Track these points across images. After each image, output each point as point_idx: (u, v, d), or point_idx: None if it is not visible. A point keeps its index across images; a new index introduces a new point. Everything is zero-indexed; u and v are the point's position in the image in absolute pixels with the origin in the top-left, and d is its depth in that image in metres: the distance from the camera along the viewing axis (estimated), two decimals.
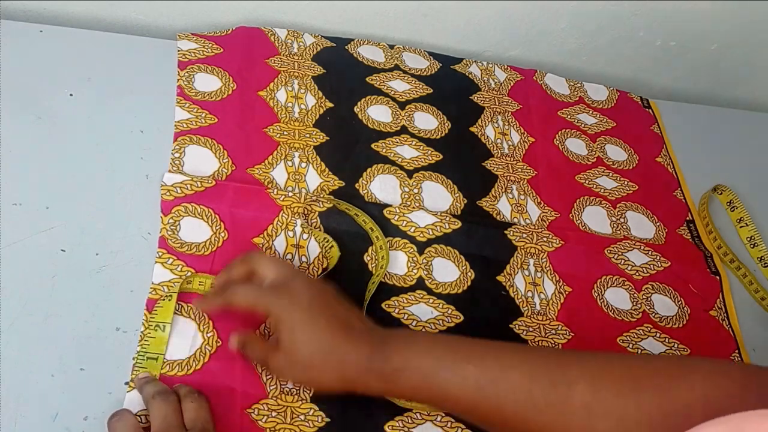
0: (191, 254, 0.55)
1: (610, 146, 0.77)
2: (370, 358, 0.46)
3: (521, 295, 0.61)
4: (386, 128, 0.70)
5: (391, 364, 0.46)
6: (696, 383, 0.40)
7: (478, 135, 0.73)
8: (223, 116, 0.64)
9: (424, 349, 0.46)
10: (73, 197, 0.56)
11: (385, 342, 0.47)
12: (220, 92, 0.66)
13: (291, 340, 0.47)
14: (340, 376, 0.47)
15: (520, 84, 0.79)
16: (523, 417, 0.43)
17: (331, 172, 0.64)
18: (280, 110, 0.67)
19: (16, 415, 0.46)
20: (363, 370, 0.47)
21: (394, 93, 0.73)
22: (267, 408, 0.50)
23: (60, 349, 0.49)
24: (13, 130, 0.58)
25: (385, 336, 0.48)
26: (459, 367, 0.45)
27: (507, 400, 0.43)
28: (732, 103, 0.92)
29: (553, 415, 0.42)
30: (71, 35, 0.66)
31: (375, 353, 0.47)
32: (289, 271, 0.51)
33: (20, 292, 0.51)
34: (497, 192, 0.68)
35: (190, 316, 0.52)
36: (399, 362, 0.46)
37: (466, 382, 0.44)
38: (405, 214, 0.63)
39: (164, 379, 0.49)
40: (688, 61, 0.87)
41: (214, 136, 0.63)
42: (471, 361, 0.45)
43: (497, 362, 0.45)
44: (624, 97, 0.83)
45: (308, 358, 0.47)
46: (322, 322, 0.47)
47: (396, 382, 0.47)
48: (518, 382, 0.43)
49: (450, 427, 0.53)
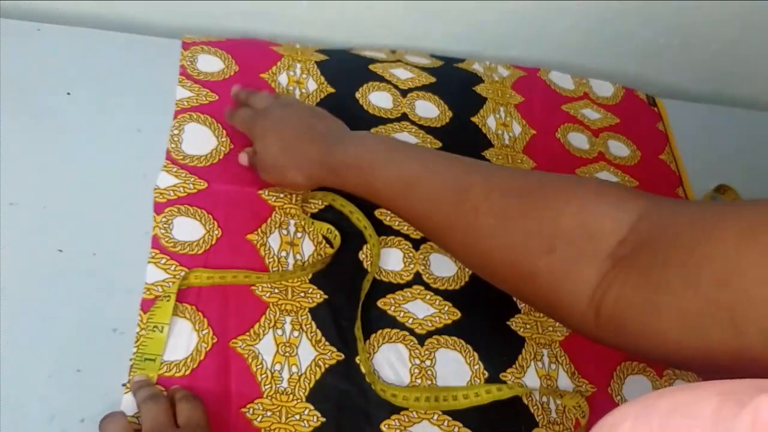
0: (184, 254, 0.55)
1: (613, 142, 0.76)
2: (324, 154, 0.55)
3: None
4: (387, 114, 0.70)
5: (338, 158, 0.55)
6: (574, 197, 0.44)
7: (479, 125, 0.72)
8: (224, 95, 0.65)
9: (363, 149, 0.54)
10: (70, 197, 0.57)
11: (339, 140, 0.56)
12: (222, 73, 0.67)
13: (262, 145, 0.58)
14: (303, 173, 0.57)
15: (523, 78, 0.79)
16: (430, 211, 0.50)
17: None
18: (281, 92, 0.67)
19: (13, 416, 0.46)
20: (318, 165, 0.56)
21: (397, 80, 0.73)
22: (262, 407, 0.51)
23: (57, 350, 0.49)
24: (10, 129, 0.59)
25: (341, 135, 0.57)
26: (388, 166, 0.52)
27: (419, 198, 0.51)
28: (735, 102, 0.91)
29: (450, 212, 0.49)
30: (69, 34, 0.66)
31: (329, 149, 0.55)
32: (276, 99, 0.62)
33: (17, 293, 0.51)
34: None
35: (185, 316, 0.53)
36: (344, 157, 0.54)
37: (390, 178, 0.52)
38: None
39: (162, 380, 0.50)
40: (691, 60, 0.86)
41: (214, 114, 0.64)
42: (399, 161, 0.52)
43: (421, 164, 0.51)
44: (630, 94, 0.82)
45: (274, 158, 0.57)
46: (288, 129, 0.58)
47: (341, 175, 0.55)
48: (431, 184, 0.50)
49: (446, 425, 0.53)
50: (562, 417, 0.56)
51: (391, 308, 0.58)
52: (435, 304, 0.59)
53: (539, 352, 0.58)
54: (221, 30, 0.73)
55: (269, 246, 0.58)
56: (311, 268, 0.57)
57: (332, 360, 0.54)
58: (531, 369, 0.57)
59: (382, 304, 0.58)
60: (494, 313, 0.60)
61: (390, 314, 0.57)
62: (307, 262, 0.58)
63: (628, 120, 0.79)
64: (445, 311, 0.59)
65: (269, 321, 0.54)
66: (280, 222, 0.59)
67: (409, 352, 0.56)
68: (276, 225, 0.59)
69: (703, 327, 0.35)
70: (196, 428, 0.46)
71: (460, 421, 0.54)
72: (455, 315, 0.59)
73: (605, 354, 0.60)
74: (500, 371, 0.56)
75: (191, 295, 0.54)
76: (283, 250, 0.58)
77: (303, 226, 0.59)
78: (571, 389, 0.57)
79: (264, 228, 0.58)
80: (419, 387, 0.54)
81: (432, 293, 0.59)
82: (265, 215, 0.59)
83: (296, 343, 0.54)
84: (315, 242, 0.59)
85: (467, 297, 0.60)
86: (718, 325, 0.34)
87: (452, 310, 0.59)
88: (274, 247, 0.58)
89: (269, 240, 0.58)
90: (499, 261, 0.47)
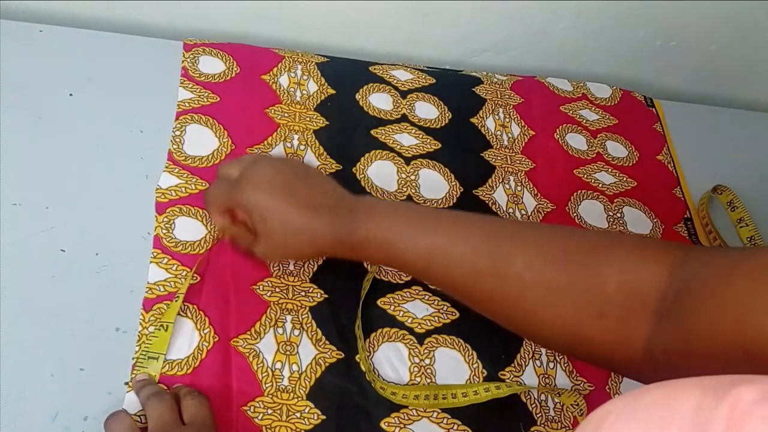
0: (186, 253, 0.56)
1: (611, 143, 0.77)
2: (337, 233, 0.51)
3: None
4: (387, 116, 0.70)
5: (355, 237, 0.51)
6: (615, 256, 0.45)
7: (479, 126, 0.73)
8: (225, 96, 0.66)
9: (385, 224, 0.51)
10: (73, 197, 0.57)
11: (351, 213, 0.51)
12: (224, 74, 0.68)
13: (264, 227, 0.51)
14: (315, 249, 0.53)
15: (522, 80, 0.79)
16: (468, 283, 0.49)
17: (329, 156, 0.65)
18: (282, 93, 0.68)
19: (16, 415, 0.46)
20: (332, 242, 0.51)
21: (397, 82, 0.74)
22: (263, 405, 0.51)
23: (60, 349, 0.50)
24: (13, 129, 0.59)
25: (349, 208, 0.52)
26: (414, 239, 0.50)
27: (454, 269, 0.49)
28: (732, 103, 0.91)
29: (492, 284, 0.48)
30: (71, 35, 0.67)
31: (341, 227, 0.51)
32: (247, 161, 0.54)
33: (20, 292, 0.51)
34: (494, 182, 0.69)
35: (187, 315, 0.53)
36: (362, 235, 0.51)
37: (419, 252, 0.50)
38: None
39: (165, 379, 0.50)
40: (688, 61, 0.86)
41: (215, 115, 0.64)
42: (426, 233, 0.50)
43: (448, 234, 0.49)
44: (627, 95, 0.82)
45: (283, 239, 0.51)
46: (285, 204, 0.50)
47: (361, 252, 0.52)
48: (463, 253, 0.48)
49: (446, 423, 0.54)
50: (560, 415, 0.56)
51: (391, 307, 0.58)
52: (434, 304, 0.59)
53: (537, 351, 0.59)
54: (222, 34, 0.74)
55: None
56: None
57: (332, 359, 0.54)
58: (529, 367, 0.58)
59: (382, 303, 0.58)
60: None
61: (390, 313, 0.58)
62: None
63: (626, 121, 0.80)
64: (443, 311, 0.59)
65: (270, 320, 0.55)
66: None
67: (408, 350, 0.56)
68: None
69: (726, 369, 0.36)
70: (201, 425, 0.46)
71: (459, 419, 0.54)
72: (453, 315, 0.59)
73: None
74: (499, 370, 0.57)
75: (193, 295, 0.54)
76: None
77: None
78: (569, 387, 0.58)
79: None
80: (419, 385, 0.55)
81: (430, 293, 0.60)
82: None
83: (297, 341, 0.54)
84: None
85: None
86: (738, 364, 0.36)
87: (450, 310, 0.59)
88: None
89: None
90: (549, 330, 0.47)
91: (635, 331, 0.43)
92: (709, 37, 0.83)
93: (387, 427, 0.52)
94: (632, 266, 0.44)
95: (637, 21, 0.80)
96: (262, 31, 0.76)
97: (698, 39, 0.83)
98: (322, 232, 0.50)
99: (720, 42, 0.83)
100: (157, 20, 0.73)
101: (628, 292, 0.43)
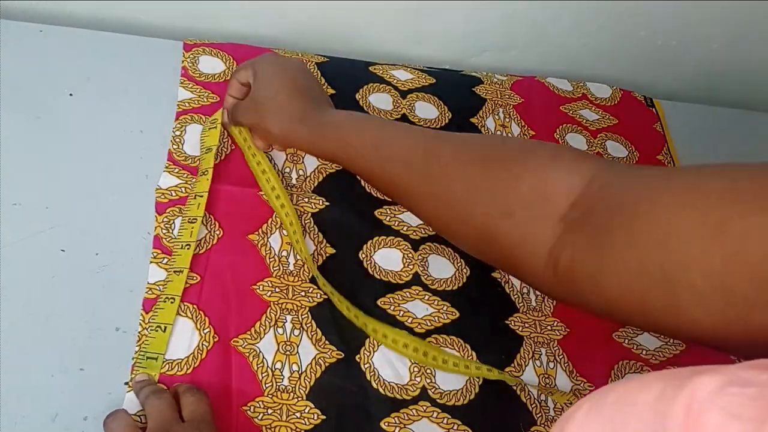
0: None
1: (611, 142, 0.77)
2: (307, 112, 0.58)
3: (517, 291, 0.62)
4: (387, 116, 0.70)
5: (318, 119, 0.57)
6: (532, 161, 0.47)
7: (479, 126, 0.73)
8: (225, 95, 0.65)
9: (347, 115, 0.58)
10: (72, 197, 0.57)
11: (322, 102, 0.60)
12: (224, 74, 0.68)
13: (254, 85, 0.60)
14: (281, 124, 0.58)
15: (522, 80, 0.79)
16: (403, 178, 0.53)
17: None
18: None
19: (16, 415, 0.47)
20: (297, 120, 0.58)
21: (397, 82, 0.74)
22: (263, 405, 0.51)
23: (60, 349, 0.50)
24: (13, 129, 0.59)
25: (324, 99, 0.61)
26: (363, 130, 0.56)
27: (391, 162, 0.54)
28: (732, 103, 0.91)
29: (419, 180, 0.52)
30: (71, 35, 0.67)
31: (313, 110, 0.58)
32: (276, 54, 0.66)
33: (20, 292, 0.51)
34: None
35: (187, 315, 0.53)
36: (325, 119, 0.57)
37: (365, 142, 0.55)
38: (396, 215, 0.63)
39: (164, 378, 0.50)
40: (688, 61, 0.86)
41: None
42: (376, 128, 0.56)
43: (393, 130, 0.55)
44: (627, 95, 0.82)
45: (261, 99, 0.59)
46: (277, 80, 0.59)
47: (318, 134, 0.57)
48: (401, 148, 0.53)
49: (446, 423, 0.54)
50: (560, 415, 0.56)
51: (391, 307, 0.58)
52: (434, 304, 0.59)
53: (537, 351, 0.59)
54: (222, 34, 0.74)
55: (270, 246, 0.58)
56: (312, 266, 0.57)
57: (332, 359, 0.54)
58: (529, 367, 0.58)
59: (382, 303, 0.58)
60: (492, 312, 0.60)
61: (390, 313, 0.58)
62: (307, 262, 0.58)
63: (626, 121, 0.79)
64: (443, 311, 0.59)
65: (270, 320, 0.55)
66: (280, 222, 0.60)
67: None
68: (277, 225, 0.59)
69: (641, 285, 0.37)
70: (200, 422, 0.46)
71: (459, 419, 0.54)
72: (454, 315, 0.59)
73: (603, 352, 0.60)
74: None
75: (193, 294, 0.54)
76: (284, 250, 0.58)
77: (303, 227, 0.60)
78: (569, 388, 0.58)
79: (265, 228, 0.59)
80: (411, 336, 0.56)
81: (430, 294, 0.60)
82: (265, 215, 0.60)
83: (297, 341, 0.54)
84: (316, 242, 0.59)
85: (465, 297, 0.60)
86: (653, 283, 0.36)
87: (451, 310, 0.59)
88: (275, 247, 0.58)
89: (270, 240, 0.58)
90: (464, 225, 0.50)
91: (540, 233, 0.44)
92: (709, 37, 0.83)
93: (387, 427, 0.53)
94: (547, 172, 0.46)
95: (637, 21, 0.80)
96: (262, 31, 0.76)
97: (698, 39, 0.83)
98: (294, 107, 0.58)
99: (720, 42, 0.83)
100: (157, 20, 0.73)
101: (538, 194, 0.45)
